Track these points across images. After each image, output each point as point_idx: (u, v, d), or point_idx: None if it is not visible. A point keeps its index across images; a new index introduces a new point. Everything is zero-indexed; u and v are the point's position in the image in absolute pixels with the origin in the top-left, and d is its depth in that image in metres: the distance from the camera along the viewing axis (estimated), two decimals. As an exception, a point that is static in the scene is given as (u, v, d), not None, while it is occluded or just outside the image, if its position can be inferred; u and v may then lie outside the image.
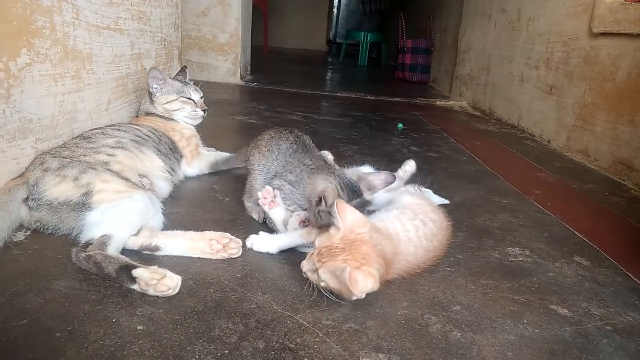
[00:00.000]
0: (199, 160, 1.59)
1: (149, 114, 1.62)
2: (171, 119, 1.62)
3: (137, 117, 1.68)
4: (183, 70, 1.80)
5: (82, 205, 1.09)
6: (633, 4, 2.00)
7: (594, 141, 2.18)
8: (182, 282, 0.95)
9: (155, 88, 1.59)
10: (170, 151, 1.49)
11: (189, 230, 1.12)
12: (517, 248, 1.27)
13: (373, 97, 3.78)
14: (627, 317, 1.00)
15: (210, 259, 1.07)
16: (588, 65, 2.27)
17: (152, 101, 1.61)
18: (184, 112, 1.63)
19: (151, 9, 1.97)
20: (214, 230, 1.13)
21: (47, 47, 1.30)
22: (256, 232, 1.18)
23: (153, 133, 1.47)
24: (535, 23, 2.81)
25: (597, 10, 2.20)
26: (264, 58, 5.86)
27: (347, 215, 0.94)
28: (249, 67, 4.03)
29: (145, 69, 1.93)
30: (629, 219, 1.56)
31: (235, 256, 1.09)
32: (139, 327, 0.82)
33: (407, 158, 1.66)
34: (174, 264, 1.03)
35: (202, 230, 1.13)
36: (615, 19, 2.09)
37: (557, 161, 2.23)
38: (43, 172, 1.14)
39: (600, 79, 2.17)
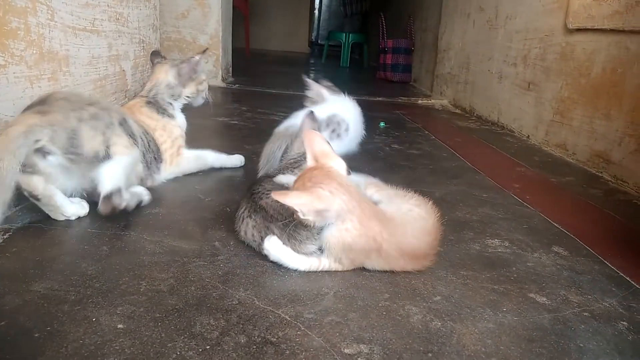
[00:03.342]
0: (177, 166, 1.55)
1: (149, 103, 1.53)
2: (168, 116, 1.56)
3: (132, 102, 1.57)
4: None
5: (102, 158, 1.16)
6: (606, 0, 2.04)
7: (571, 135, 2.22)
8: (163, 280, 0.95)
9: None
10: (154, 161, 1.46)
11: (171, 229, 1.12)
12: (496, 240, 1.29)
13: (355, 97, 3.76)
14: (605, 303, 1.02)
15: (192, 259, 1.06)
16: (564, 61, 2.31)
17: (184, 86, 1.57)
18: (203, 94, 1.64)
19: (128, 11, 1.96)
20: (196, 230, 1.13)
21: (22, 48, 1.29)
22: (237, 231, 1.18)
23: (145, 137, 1.41)
24: (512, 21, 2.85)
25: (572, 6, 2.24)
26: (246, 60, 5.85)
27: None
28: (231, 69, 4.02)
29: (124, 70, 1.92)
30: (607, 209, 1.59)
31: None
32: (119, 326, 0.82)
33: (389, 155, 1.69)
34: (155, 255, 1.03)
35: (182, 230, 1.12)
36: (589, 15, 2.13)
37: (537, 156, 2.27)
38: (79, 122, 1.13)
39: (576, 74, 2.21)
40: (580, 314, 0.97)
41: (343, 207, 0.96)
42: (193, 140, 1.83)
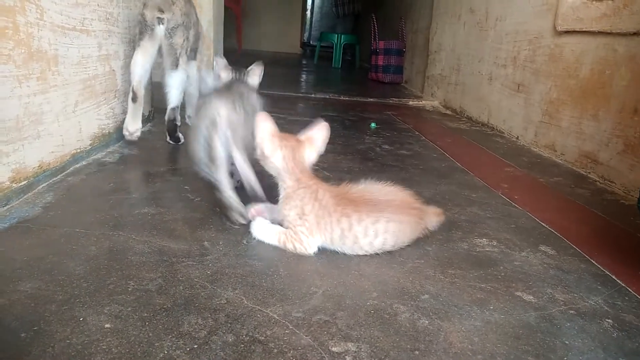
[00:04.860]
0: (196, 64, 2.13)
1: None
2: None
3: None
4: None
5: (178, 54, 1.83)
6: (594, 2, 2.06)
7: (560, 136, 2.24)
8: (151, 280, 0.95)
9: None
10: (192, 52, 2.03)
11: (159, 229, 1.12)
12: (484, 239, 1.30)
13: (347, 98, 3.81)
14: (590, 301, 1.03)
15: (180, 259, 1.06)
16: (553, 62, 2.33)
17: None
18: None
19: (119, 10, 1.94)
20: (185, 230, 1.13)
21: (10, 48, 1.28)
22: (227, 231, 1.18)
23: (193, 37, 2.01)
24: (502, 23, 2.87)
25: (561, 9, 2.27)
26: (238, 61, 5.84)
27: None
28: (222, 69, 4.00)
29: (114, 70, 1.91)
30: (594, 209, 1.61)
31: None
32: (106, 325, 0.82)
33: (380, 156, 1.69)
34: (143, 255, 1.02)
35: (171, 229, 1.12)
36: (578, 17, 2.15)
37: (525, 156, 2.28)
38: (181, 23, 1.82)
39: (565, 76, 2.23)
40: (566, 312, 0.98)
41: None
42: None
